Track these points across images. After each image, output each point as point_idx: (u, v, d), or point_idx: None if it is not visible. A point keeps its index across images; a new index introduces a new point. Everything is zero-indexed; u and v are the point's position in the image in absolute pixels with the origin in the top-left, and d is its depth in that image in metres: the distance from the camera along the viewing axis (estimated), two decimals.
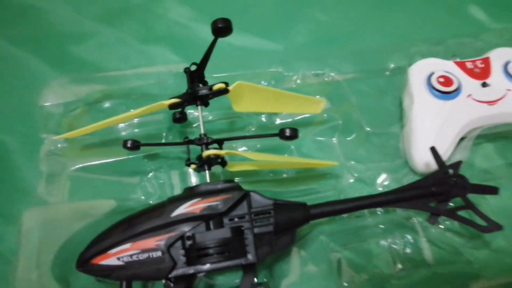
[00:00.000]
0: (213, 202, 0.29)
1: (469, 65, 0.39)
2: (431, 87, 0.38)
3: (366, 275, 0.32)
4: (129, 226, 0.29)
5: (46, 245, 0.31)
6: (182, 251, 0.29)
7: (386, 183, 0.36)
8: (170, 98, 0.33)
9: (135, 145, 0.33)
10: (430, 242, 0.33)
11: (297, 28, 0.47)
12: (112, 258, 0.28)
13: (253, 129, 0.39)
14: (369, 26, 0.47)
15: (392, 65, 0.43)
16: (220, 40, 0.30)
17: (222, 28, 0.29)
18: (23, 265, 0.31)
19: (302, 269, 0.32)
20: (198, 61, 0.34)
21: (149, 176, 0.36)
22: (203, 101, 0.33)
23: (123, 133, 0.37)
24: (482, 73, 0.39)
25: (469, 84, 0.38)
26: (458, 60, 0.40)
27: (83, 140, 0.37)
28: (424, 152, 0.35)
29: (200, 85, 0.33)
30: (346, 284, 0.31)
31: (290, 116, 0.40)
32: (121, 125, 0.38)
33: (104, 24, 0.46)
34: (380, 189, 0.36)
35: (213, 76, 0.38)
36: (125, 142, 0.33)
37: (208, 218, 0.29)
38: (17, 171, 0.36)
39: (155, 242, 0.28)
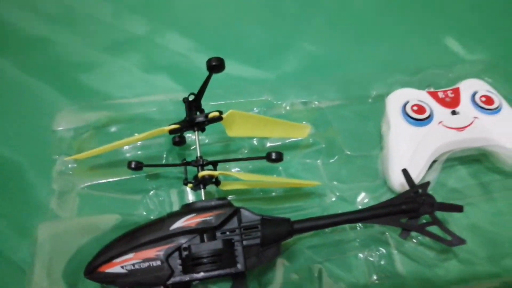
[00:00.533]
0: (207, 217, 0.32)
1: (440, 94, 0.43)
2: (406, 115, 0.41)
3: (345, 284, 0.35)
4: (132, 238, 0.32)
5: (58, 256, 0.35)
6: (179, 261, 0.32)
7: (365, 201, 0.39)
8: (170, 124, 0.37)
9: (138, 166, 0.36)
10: (403, 254, 0.37)
11: (286, 58, 0.51)
12: (117, 267, 0.31)
13: (246, 151, 0.43)
14: (353, 56, 0.52)
15: (374, 93, 0.47)
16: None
17: (216, 66, 0.33)
18: (37, 274, 0.34)
19: (286, 278, 0.35)
20: (196, 88, 0.37)
21: (150, 194, 0.39)
22: (200, 127, 0.37)
23: (128, 155, 0.41)
24: (452, 102, 0.42)
25: (440, 112, 0.41)
26: (432, 89, 0.44)
27: (91, 161, 0.40)
28: (400, 173, 0.38)
29: (198, 112, 0.37)
30: None
31: (280, 140, 0.43)
32: (126, 147, 0.41)
33: (109, 54, 0.50)
34: (360, 206, 0.39)
35: (210, 104, 0.42)
36: (129, 163, 0.36)
37: (202, 231, 0.32)
38: (31, 189, 0.40)
39: (155, 252, 0.32)
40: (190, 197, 0.40)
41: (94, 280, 0.32)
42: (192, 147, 0.42)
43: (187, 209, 0.34)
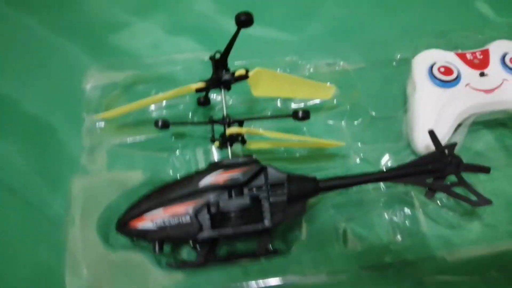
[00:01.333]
0: (235, 173, 0.33)
1: (469, 56, 0.42)
2: (433, 76, 0.41)
3: (368, 243, 0.36)
4: (162, 194, 0.33)
5: (90, 208, 0.36)
6: (208, 216, 0.33)
7: (389, 162, 0.40)
8: (197, 82, 0.37)
9: (165, 124, 0.37)
10: (427, 215, 0.37)
11: (311, 20, 0.51)
12: (147, 222, 0.32)
13: (269, 112, 0.43)
14: (379, 19, 0.51)
15: (398, 56, 0.46)
16: (242, 31, 0.34)
17: (244, 20, 0.32)
18: (73, 224, 0.35)
19: (310, 236, 0.36)
20: (221, 49, 0.38)
21: (176, 152, 0.40)
22: (226, 86, 0.37)
23: (154, 114, 0.42)
24: (480, 64, 0.42)
25: (468, 74, 0.41)
26: (459, 51, 0.43)
27: (119, 119, 0.41)
28: (424, 135, 0.38)
29: (224, 71, 0.37)
30: (351, 250, 0.35)
31: (303, 101, 0.43)
32: (151, 107, 0.42)
33: (135, 15, 0.50)
34: (384, 168, 0.39)
35: (235, 64, 0.42)
36: (156, 121, 0.37)
37: (230, 188, 0.33)
38: (61, 145, 0.41)
39: (184, 208, 0.32)
40: (216, 156, 0.40)
41: (125, 234, 0.33)
42: (217, 108, 0.43)
43: (215, 166, 0.34)
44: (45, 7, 0.50)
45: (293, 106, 0.43)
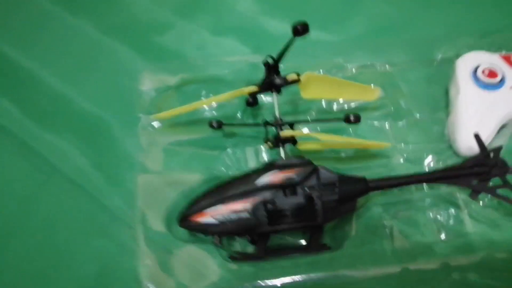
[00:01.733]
0: (290, 174, 0.35)
1: None
2: (476, 79, 0.42)
3: (414, 241, 0.37)
4: (222, 191, 0.35)
5: (155, 203, 0.39)
6: (264, 213, 0.35)
7: (432, 163, 0.41)
8: (248, 86, 0.39)
9: (219, 125, 0.39)
10: (471, 215, 0.38)
11: (352, 19, 0.51)
12: (208, 217, 0.34)
13: (314, 113, 0.44)
14: (420, 17, 0.51)
15: (440, 56, 0.47)
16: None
17: (301, 30, 0.34)
18: (140, 217, 0.38)
19: (358, 233, 0.37)
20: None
21: (227, 151, 0.42)
22: (278, 89, 0.39)
23: (206, 114, 0.43)
24: None
25: None
26: (503, 53, 0.44)
27: (173, 119, 0.43)
28: (467, 137, 0.39)
29: (276, 75, 0.39)
30: (398, 248, 0.37)
31: (346, 103, 0.45)
32: (203, 107, 0.44)
33: (179, 16, 0.51)
34: (426, 168, 0.41)
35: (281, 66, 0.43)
36: (210, 122, 0.39)
37: (285, 187, 0.35)
38: (118, 143, 0.43)
39: (243, 205, 0.34)
40: (265, 155, 0.42)
41: (187, 228, 0.36)
42: (264, 107, 0.44)
43: (270, 166, 0.36)
44: (93, 8, 0.52)
45: (336, 107, 0.44)
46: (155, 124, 0.43)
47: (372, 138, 0.42)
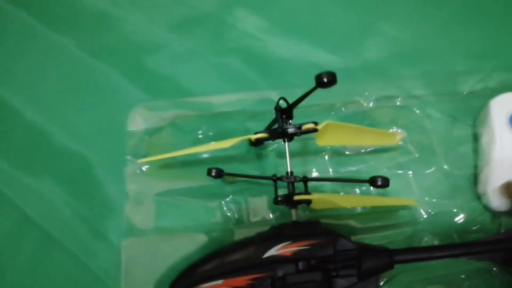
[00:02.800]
0: (304, 246, 0.30)
1: None
2: None
3: None
4: (220, 262, 0.30)
5: (144, 271, 0.34)
6: None
7: (460, 221, 0.36)
8: (257, 133, 0.34)
9: (219, 174, 0.34)
10: None
11: (366, 43, 0.46)
12: None
13: (326, 155, 0.39)
14: (443, 43, 0.46)
15: (466, 90, 0.42)
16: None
17: (326, 82, 0.28)
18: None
19: None
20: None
21: (227, 199, 0.37)
22: (290, 138, 0.34)
23: (204, 155, 0.38)
24: None
25: None
26: None
27: (166, 163, 0.38)
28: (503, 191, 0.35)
29: (290, 121, 0.33)
30: None
31: (361, 148, 0.40)
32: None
33: (175, 33, 0.46)
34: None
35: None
36: (209, 170, 0.35)
37: (297, 260, 0.30)
38: (104, 188, 0.38)
39: (246, 281, 0.30)
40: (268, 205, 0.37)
41: None
42: (270, 148, 0.39)
43: (278, 232, 0.31)
44: (78, 26, 0.46)
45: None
46: (145, 168, 0.38)
47: (392, 187, 0.37)
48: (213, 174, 0.34)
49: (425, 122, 0.41)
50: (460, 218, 0.37)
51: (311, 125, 0.32)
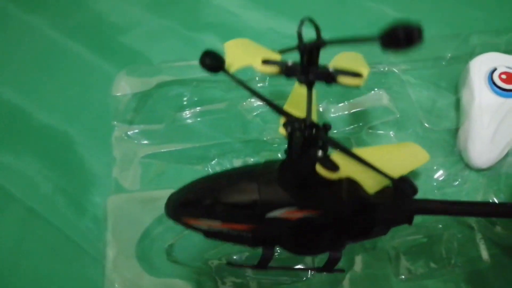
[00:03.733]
0: (311, 214, 0.27)
1: None
2: (493, 83, 0.37)
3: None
4: (220, 203, 0.28)
5: (128, 227, 0.34)
6: (271, 242, 0.29)
7: (441, 178, 0.37)
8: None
9: (218, 65, 0.23)
10: None
11: (346, 14, 0.47)
12: (203, 225, 0.28)
13: None
14: (427, 13, 0.46)
15: (449, 55, 0.42)
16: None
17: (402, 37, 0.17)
18: (108, 243, 0.33)
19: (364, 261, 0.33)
20: None
21: (212, 163, 0.37)
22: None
23: (188, 121, 0.39)
24: None
25: None
26: None
27: (152, 127, 0.38)
28: (483, 148, 0.36)
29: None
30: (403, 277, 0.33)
31: (345, 109, 0.40)
32: (185, 112, 0.39)
33: (150, 11, 0.46)
34: (434, 184, 0.36)
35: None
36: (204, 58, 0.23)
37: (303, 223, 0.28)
38: (87, 161, 0.38)
39: (245, 228, 0.28)
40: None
41: (179, 224, 0.29)
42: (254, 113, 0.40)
43: (283, 179, 0.27)
44: (53, 5, 0.47)
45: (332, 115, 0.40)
46: (130, 133, 0.38)
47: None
48: (207, 62, 0.22)
49: (407, 87, 0.41)
50: (440, 175, 0.37)
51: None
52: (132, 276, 0.32)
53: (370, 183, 0.27)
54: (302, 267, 0.33)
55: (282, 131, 0.26)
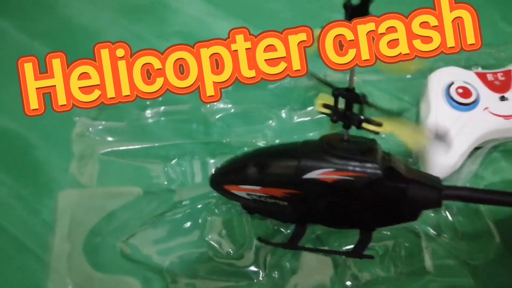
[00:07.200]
0: (347, 176, 0.28)
1: (489, 77, 0.39)
2: (449, 97, 0.38)
3: None
4: (261, 169, 0.30)
5: (79, 222, 0.34)
6: (306, 209, 0.31)
7: None
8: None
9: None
10: None
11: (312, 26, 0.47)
12: (243, 192, 0.31)
13: (273, 123, 0.40)
14: None
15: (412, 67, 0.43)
16: None
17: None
18: (58, 238, 0.33)
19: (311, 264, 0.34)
20: None
21: (172, 162, 0.38)
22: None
23: (150, 120, 0.39)
24: (501, 86, 0.39)
25: (488, 97, 0.38)
26: (479, 69, 0.41)
27: (113, 125, 0.39)
28: (438, 159, 0.36)
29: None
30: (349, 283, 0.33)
31: (309, 115, 0.41)
32: (148, 111, 0.40)
33: (120, 17, 0.47)
34: None
35: None
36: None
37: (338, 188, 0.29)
38: (42, 167, 0.38)
39: (283, 194, 0.30)
40: (213, 169, 0.37)
41: (219, 193, 0.33)
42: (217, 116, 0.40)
43: (327, 148, 0.29)
44: (19, 9, 0.47)
45: (297, 119, 0.41)
46: (91, 129, 0.38)
47: None
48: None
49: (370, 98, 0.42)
50: None
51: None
52: (82, 272, 0.32)
53: (409, 139, 0.30)
54: (332, 249, 0.34)
55: (319, 108, 0.29)
